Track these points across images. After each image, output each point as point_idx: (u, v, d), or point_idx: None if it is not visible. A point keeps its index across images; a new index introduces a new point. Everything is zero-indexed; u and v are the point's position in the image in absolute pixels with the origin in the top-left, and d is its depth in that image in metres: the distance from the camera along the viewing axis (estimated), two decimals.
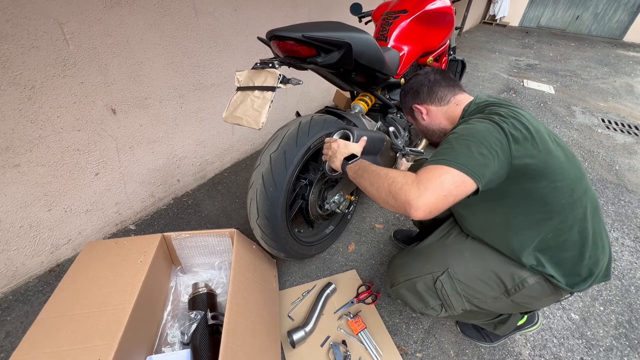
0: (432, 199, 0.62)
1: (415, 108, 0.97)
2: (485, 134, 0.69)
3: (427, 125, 0.98)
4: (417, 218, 0.63)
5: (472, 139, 0.69)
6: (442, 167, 0.65)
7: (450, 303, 0.87)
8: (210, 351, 0.91)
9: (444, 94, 0.93)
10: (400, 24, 1.47)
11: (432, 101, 0.94)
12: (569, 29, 7.55)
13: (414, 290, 0.92)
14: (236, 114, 0.93)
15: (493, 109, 0.78)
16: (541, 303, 0.86)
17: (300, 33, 0.93)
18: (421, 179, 0.65)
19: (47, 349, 0.76)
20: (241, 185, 1.89)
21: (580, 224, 0.75)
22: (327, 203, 1.26)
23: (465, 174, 0.64)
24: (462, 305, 0.88)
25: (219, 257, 1.22)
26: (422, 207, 0.62)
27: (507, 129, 0.69)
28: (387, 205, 0.70)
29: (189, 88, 1.58)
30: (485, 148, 0.67)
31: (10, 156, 1.08)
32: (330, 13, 2.38)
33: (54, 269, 1.33)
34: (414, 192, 0.63)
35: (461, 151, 0.67)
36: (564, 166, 0.73)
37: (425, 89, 0.94)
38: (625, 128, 2.88)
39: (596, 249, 0.77)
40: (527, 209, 0.75)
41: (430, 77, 0.95)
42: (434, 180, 0.64)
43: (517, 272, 0.82)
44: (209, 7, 1.51)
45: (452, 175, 0.64)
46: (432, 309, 0.92)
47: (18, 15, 0.97)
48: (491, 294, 0.85)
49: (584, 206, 0.76)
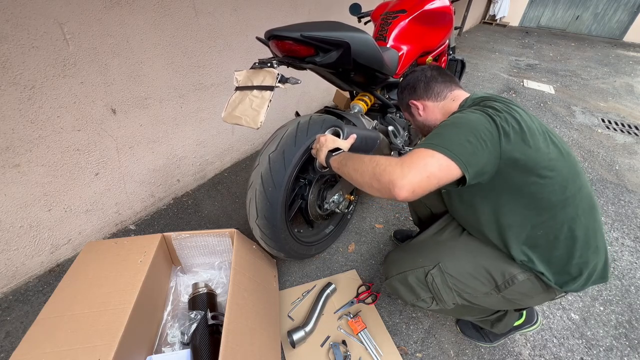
0: (416, 179, 0.63)
1: (412, 104, 0.98)
2: (475, 124, 0.70)
3: (423, 121, 0.98)
4: (400, 198, 0.64)
5: (462, 127, 0.70)
6: (427, 151, 0.66)
7: (441, 296, 0.88)
8: (210, 351, 0.91)
9: (440, 89, 0.93)
10: (399, 23, 1.47)
11: (429, 97, 0.94)
12: (569, 29, 7.55)
13: (406, 283, 0.93)
14: (235, 113, 0.93)
15: (489, 102, 0.78)
16: (533, 300, 0.87)
17: (298, 33, 0.93)
18: (405, 161, 0.66)
19: (47, 349, 0.76)
20: (241, 185, 1.89)
21: (570, 222, 0.75)
22: (327, 203, 1.26)
23: (450, 159, 0.65)
24: (453, 299, 0.88)
25: (219, 257, 1.22)
26: (406, 186, 0.63)
27: (499, 122, 0.70)
28: (371, 189, 0.71)
29: (189, 88, 1.58)
30: (474, 137, 0.67)
31: (10, 156, 1.08)
32: (330, 13, 2.38)
33: (54, 269, 1.34)
34: (397, 173, 0.64)
35: (448, 137, 0.68)
36: (555, 164, 0.72)
37: (422, 85, 0.95)
38: (625, 128, 2.88)
39: (587, 249, 0.76)
40: (516, 204, 0.75)
41: (427, 73, 0.96)
42: (417, 162, 0.65)
43: (507, 268, 0.82)
44: (209, 7, 1.51)
45: (437, 159, 0.65)
46: (422, 301, 0.93)
47: (18, 15, 0.97)
48: (482, 290, 0.85)
49: (576, 205, 0.75)
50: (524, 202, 0.75)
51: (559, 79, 4.09)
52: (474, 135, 0.67)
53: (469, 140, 0.67)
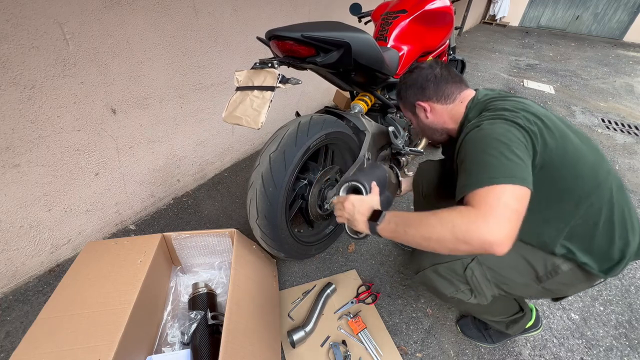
0: (510, 225, 0.56)
1: (419, 105, 0.91)
2: (507, 136, 0.65)
3: (429, 124, 0.93)
4: (503, 253, 0.56)
5: (499, 145, 0.64)
6: (494, 187, 0.59)
7: (481, 290, 0.83)
8: (210, 351, 0.91)
9: (451, 91, 0.87)
10: (400, 23, 1.48)
11: (439, 99, 0.88)
12: (569, 29, 7.56)
13: (443, 275, 0.86)
14: (235, 113, 0.93)
15: (497, 104, 0.75)
16: (573, 289, 0.83)
17: (299, 33, 0.93)
18: (482, 210, 0.58)
19: (47, 349, 0.76)
20: (241, 185, 1.89)
21: (608, 205, 0.72)
22: (327, 203, 1.26)
23: (518, 184, 0.59)
24: (492, 292, 0.84)
25: (219, 257, 1.22)
26: (505, 240, 0.56)
27: (523, 124, 0.67)
28: (456, 252, 0.62)
29: (189, 88, 1.58)
30: (515, 149, 0.63)
31: (10, 156, 1.08)
32: (330, 13, 2.38)
33: (53, 269, 1.33)
34: (485, 228, 0.56)
35: (498, 163, 0.62)
36: (581, 150, 0.70)
37: (432, 85, 0.88)
38: (625, 128, 2.88)
39: (625, 230, 0.73)
40: (553, 200, 0.72)
41: (436, 71, 0.88)
42: (497, 206, 0.57)
43: (549, 259, 0.78)
44: (209, 7, 1.51)
45: (510, 191, 0.59)
46: (462, 292, 0.86)
47: (18, 15, 0.97)
48: (521, 281, 0.81)
49: (609, 187, 0.72)
50: (560, 196, 0.71)
51: (559, 79, 4.09)
52: (514, 148, 0.63)
53: (516, 155, 0.62)
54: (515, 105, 0.71)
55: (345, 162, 1.34)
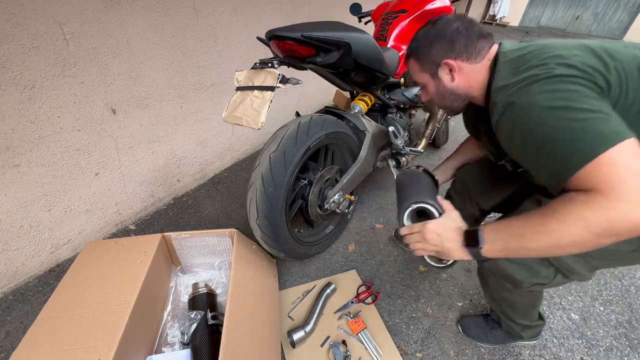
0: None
1: (446, 64, 0.75)
2: (582, 95, 0.54)
3: (453, 88, 0.78)
4: None
5: (576, 104, 0.53)
6: (601, 158, 0.49)
7: (572, 268, 0.71)
8: (210, 351, 0.90)
9: (482, 46, 0.72)
10: (400, 23, 1.47)
11: (469, 56, 0.73)
12: (569, 29, 7.55)
13: (517, 261, 0.75)
14: (236, 113, 0.93)
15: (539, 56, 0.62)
16: None
17: (299, 33, 0.93)
18: (610, 191, 0.48)
19: (47, 349, 0.76)
20: (241, 185, 1.89)
21: None
22: (327, 203, 1.26)
23: (619, 141, 0.49)
24: (588, 268, 0.72)
25: (219, 257, 1.22)
26: None
27: (582, 75, 0.55)
28: (599, 246, 0.52)
29: (189, 88, 1.58)
30: (592, 106, 0.53)
31: (10, 156, 1.08)
32: (330, 13, 2.38)
33: (53, 269, 1.33)
34: (628, 208, 0.47)
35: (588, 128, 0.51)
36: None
37: (463, 40, 0.72)
38: None
39: None
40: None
41: (466, 23, 0.73)
42: (620, 177, 0.48)
43: None
44: (209, 7, 1.51)
45: (618, 153, 0.49)
46: (543, 277, 0.75)
47: (18, 15, 0.97)
48: (628, 248, 0.67)
49: None
50: None
51: None
52: (588, 107, 0.53)
53: (596, 111, 0.52)
54: (560, 53, 0.59)
55: (345, 162, 1.34)
